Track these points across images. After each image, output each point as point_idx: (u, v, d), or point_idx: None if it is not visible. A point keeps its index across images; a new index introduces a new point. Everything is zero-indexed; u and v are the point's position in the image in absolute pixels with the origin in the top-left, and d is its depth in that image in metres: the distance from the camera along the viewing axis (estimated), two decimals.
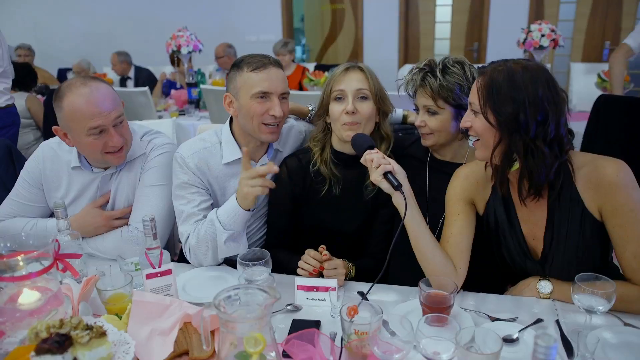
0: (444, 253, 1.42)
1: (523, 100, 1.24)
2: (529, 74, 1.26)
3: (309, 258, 1.49)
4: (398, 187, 1.34)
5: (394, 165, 1.36)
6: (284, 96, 1.66)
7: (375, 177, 1.36)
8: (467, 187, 1.50)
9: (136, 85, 5.78)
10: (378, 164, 1.35)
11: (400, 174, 1.37)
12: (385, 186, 1.36)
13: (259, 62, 1.61)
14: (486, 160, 1.40)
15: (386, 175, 1.35)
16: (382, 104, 1.65)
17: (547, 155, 1.27)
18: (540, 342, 0.76)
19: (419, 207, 1.43)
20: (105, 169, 1.77)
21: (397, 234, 1.35)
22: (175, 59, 4.94)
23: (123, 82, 5.91)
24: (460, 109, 1.59)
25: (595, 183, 1.32)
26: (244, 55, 1.67)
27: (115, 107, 1.62)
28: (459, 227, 1.46)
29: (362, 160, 1.41)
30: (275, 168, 1.48)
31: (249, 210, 1.54)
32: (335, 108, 1.63)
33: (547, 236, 1.40)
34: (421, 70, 1.61)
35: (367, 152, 1.40)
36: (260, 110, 1.62)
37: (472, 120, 1.34)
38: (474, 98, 1.32)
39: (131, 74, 5.92)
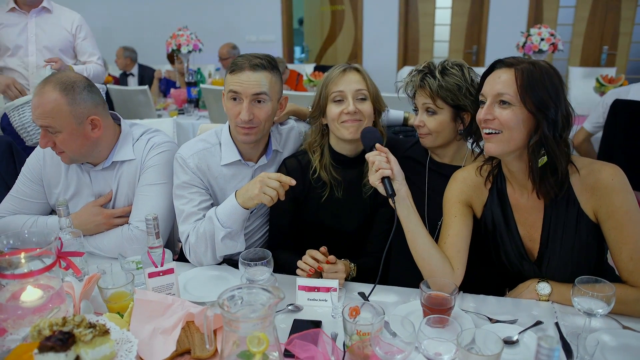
0: (441, 253, 1.43)
1: (557, 94, 1.29)
2: (555, 72, 1.32)
3: (308, 258, 1.50)
4: (391, 195, 1.37)
5: (393, 167, 1.39)
6: (258, 99, 1.62)
7: (373, 180, 1.40)
8: (464, 189, 1.52)
9: (140, 83, 5.78)
10: (378, 167, 1.38)
11: (399, 177, 1.39)
12: (381, 189, 1.40)
13: (239, 64, 1.61)
14: (499, 156, 1.40)
15: (383, 180, 1.38)
16: (377, 104, 1.68)
17: (569, 150, 1.33)
18: (543, 343, 0.77)
19: (418, 209, 1.45)
20: (95, 165, 1.77)
21: (391, 237, 1.37)
22: (175, 57, 4.94)
23: (125, 79, 5.90)
24: (459, 109, 1.60)
25: (591, 186, 1.34)
26: (240, 55, 1.68)
27: (47, 118, 1.58)
28: (456, 228, 1.48)
29: (366, 156, 1.44)
30: (294, 182, 1.48)
31: (247, 209, 1.55)
32: (334, 109, 1.64)
33: (544, 237, 1.42)
34: (420, 72, 1.63)
35: (372, 152, 1.43)
36: (233, 112, 1.63)
37: (499, 113, 1.32)
38: (506, 89, 1.30)
39: (134, 71, 5.92)
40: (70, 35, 3.07)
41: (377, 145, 1.43)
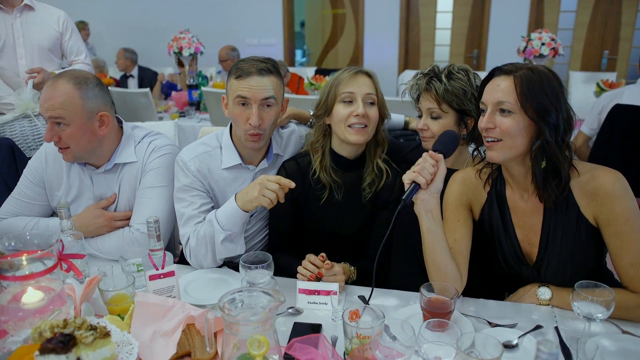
0: (455, 264, 1.40)
1: (557, 98, 1.29)
2: (554, 76, 1.32)
3: (308, 264, 1.50)
4: (404, 199, 1.32)
5: (436, 179, 1.32)
6: (267, 103, 1.63)
7: (405, 177, 1.34)
8: (465, 191, 1.51)
9: (140, 85, 5.79)
10: (417, 171, 1.32)
11: (433, 190, 1.33)
12: (405, 187, 1.34)
13: (246, 70, 1.60)
14: (501, 163, 1.40)
15: (412, 183, 1.33)
16: (382, 110, 1.68)
17: (571, 153, 1.33)
18: (542, 348, 0.77)
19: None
20: (97, 167, 1.78)
21: (384, 240, 1.35)
22: (178, 60, 4.95)
23: (125, 81, 5.91)
24: (463, 114, 1.61)
25: (592, 192, 1.34)
26: (241, 59, 1.68)
27: (58, 109, 1.60)
28: (461, 233, 1.47)
29: (429, 153, 1.37)
30: (293, 184, 1.48)
31: (247, 211, 1.55)
32: (342, 110, 1.63)
33: (542, 241, 1.42)
34: (426, 75, 1.64)
35: (428, 154, 1.35)
36: (242, 118, 1.63)
37: (500, 121, 1.32)
38: (506, 97, 1.30)
39: (134, 72, 5.93)
40: (57, 32, 2.98)
41: (430, 152, 1.35)
